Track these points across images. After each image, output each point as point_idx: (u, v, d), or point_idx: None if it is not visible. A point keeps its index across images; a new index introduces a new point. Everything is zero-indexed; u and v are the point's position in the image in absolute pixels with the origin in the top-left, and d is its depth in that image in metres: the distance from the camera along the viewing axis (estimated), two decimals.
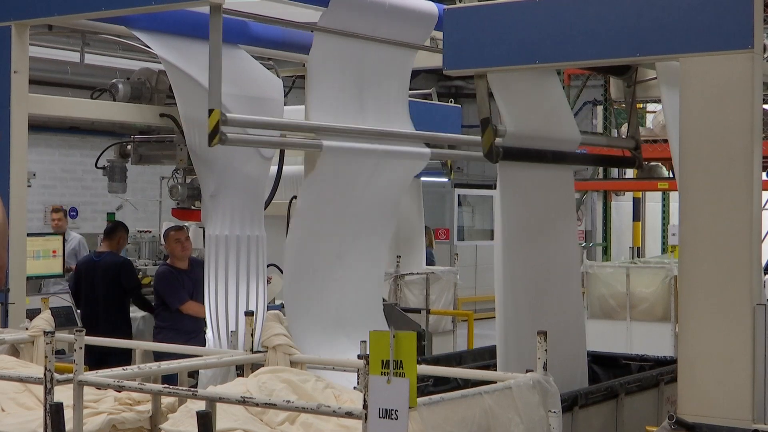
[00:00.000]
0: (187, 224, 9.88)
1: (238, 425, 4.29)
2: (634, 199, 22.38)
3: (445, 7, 6.45)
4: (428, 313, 11.37)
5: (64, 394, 4.37)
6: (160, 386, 4.54)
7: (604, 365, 7.57)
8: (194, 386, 6.55)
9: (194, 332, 8.47)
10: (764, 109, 8.49)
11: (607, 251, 16.35)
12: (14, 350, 5.81)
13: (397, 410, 3.58)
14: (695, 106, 5.28)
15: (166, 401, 4.68)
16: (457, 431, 3.90)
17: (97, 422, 4.55)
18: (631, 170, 15.44)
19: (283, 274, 8.89)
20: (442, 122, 10.66)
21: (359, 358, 4.92)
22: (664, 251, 17.15)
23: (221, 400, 4.14)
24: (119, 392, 4.75)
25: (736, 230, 5.15)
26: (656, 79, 7.40)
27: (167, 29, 7.50)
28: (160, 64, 7.87)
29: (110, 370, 4.64)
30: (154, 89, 8.30)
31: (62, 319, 8.56)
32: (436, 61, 6.83)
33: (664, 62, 6.50)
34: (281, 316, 5.53)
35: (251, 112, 7.04)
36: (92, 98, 8.40)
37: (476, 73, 6.12)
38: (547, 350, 4.24)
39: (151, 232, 15.03)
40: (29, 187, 7.77)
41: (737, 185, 5.16)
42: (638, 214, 22.66)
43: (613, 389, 6.47)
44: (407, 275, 11.72)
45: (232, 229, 7.64)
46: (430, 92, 12.77)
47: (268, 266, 8.12)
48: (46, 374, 4.30)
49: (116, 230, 9.92)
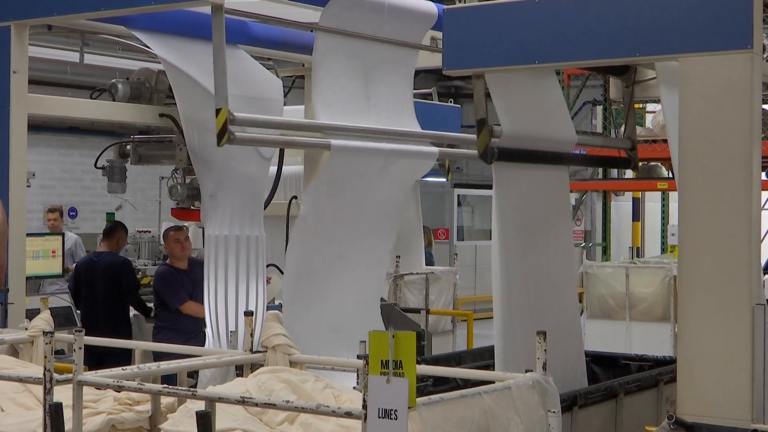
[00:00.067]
0: (186, 224, 9.88)
1: (237, 425, 4.29)
2: (633, 199, 22.37)
3: (444, 7, 6.44)
4: (428, 313, 11.36)
5: (63, 394, 4.37)
6: (159, 386, 4.54)
7: (603, 365, 7.56)
8: (194, 386, 6.54)
9: (194, 332, 8.46)
10: (763, 109, 8.52)
11: (606, 251, 16.32)
12: (13, 350, 5.81)
13: (396, 410, 3.58)
14: (694, 106, 5.28)
15: (165, 401, 4.68)
16: (456, 431, 3.90)
17: (96, 422, 4.55)
18: (630, 170, 15.42)
19: (282, 274, 8.89)
20: (441, 122, 10.64)
21: (359, 358, 4.92)
22: (663, 251, 17.14)
23: (221, 400, 4.14)
24: (119, 392, 4.75)
25: (735, 230, 5.14)
26: (655, 79, 7.40)
27: (167, 29, 7.50)
28: (159, 64, 7.86)
29: (109, 370, 4.64)
30: (153, 89, 8.29)
31: (61, 319, 8.56)
32: (435, 61, 6.83)
33: (663, 62, 6.50)
34: (281, 316, 5.53)
35: (251, 112, 7.01)
36: (92, 98, 8.40)
37: (476, 73, 6.12)
38: (546, 350, 4.24)
39: (150, 232, 15.05)
40: (28, 187, 7.77)
41: (736, 185, 5.15)
42: (638, 214, 22.65)
43: (612, 389, 6.47)
44: (407, 275, 11.70)
45: (231, 229, 7.64)
46: (430, 92, 12.75)
47: (267, 266, 8.12)
48: (45, 374, 4.30)
49: (115, 230, 9.92)
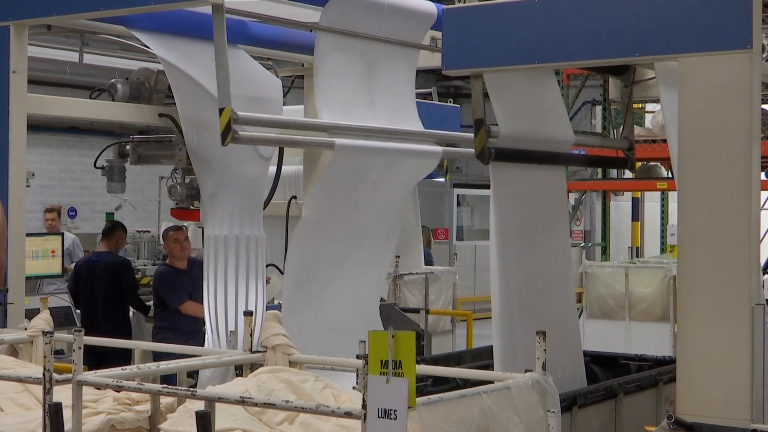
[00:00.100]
0: (186, 224, 9.88)
1: (237, 425, 4.29)
2: (633, 199, 22.38)
3: (444, 7, 6.44)
4: (427, 313, 11.36)
5: (63, 394, 4.37)
6: (159, 386, 4.54)
7: (602, 365, 7.56)
8: (193, 386, 6.54)
9: (193, 332, 8.46)
10: (763, 109, 8.52)
11: (606, 251, 16.30)
12: (13, 350, 5.81)
13: (396, 410, 3.58)
14: (694, 106, 5.28)
15: (165, 401, 4.68)
16: (456, 431, 3.90)
17: (96, 422, 4.55)
18: (634, 170, 15.41)
19: (282, 274, 8.89)
20: (441, 122, 10.63)
21: (358, 357, 4.92)
22: (663, 251, 17.12)
23: (220, 400, 4.14)
24: (118, 392, 4.75)
25: (734, 230, 5.14)
26: (655, 78, 7.40)
27: (166, 29, 7.50)
28: (159, 64, 7.87)
29: (109, 370, 4.64)
30: (153, 89, 8.30)
31: (61, 319, 8.57)
32: (435, 61, 6.83)
33: (662, 62, 6.49)
34: (280, 316, 5.54)
35: (250, 112, 7.02)
36: (91, 98, 8.41)
37: (475, 73, 6.12)
38: (546, 350, 4.24)
39: (150, 232, 15.05)
40: (28, 187, 7.76)
41: (736, 185, 5.15)
42: (637, 214, 22.66)
43: (611, 389, 6.47)
44: (406, 275, 11.70)
45: (231, 229, 7.64)
46: (430, 92, 12.75)
47: (267, 266, 8.12)
48: (45, 374, 4.30)
49: (114, 230, 9.92)
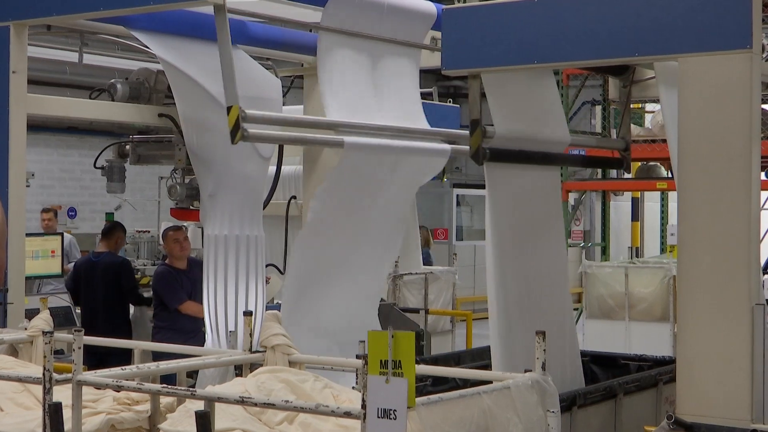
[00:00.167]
0: (185, 224, 9.88)
1: (236, 425, 4.29)
2: (632, 199, 22.39)
3: (443, 7, 6.44)
4: (427, 313, 11.36)
5: (62, 394, 4.36)
6: (158, 386, 4.54)
7: (602, 365, 7.56)
8: (193, 386, 6.54)
9: (193, 332, 8.46)
10: (763, 109, 8.52)
11: (605, 251, 16.32)
12: (13, 350, 5.80)
13: (395, 410, 3.57)
14: (694, 106, 5.28)
15: (164, 401, 4.68)
16: (455, 431, 3.90)
17: (95, 422, 4.55)
18: (629, 170, 15.40)
19: (282, 274, 8.88)
20: (440, 122, 10.62)
21: (358, 357, 4.92)
22: (662, 251, 17.14)
23: (220, 399, 4.14)
24: (118, 392, 4.74)
25: (734, 230, 5.14)
26: (654, 78, 7.40)
27: (166, 29, 7.50)
28: (158, 64, 7.87)
29: (109, 369, 4.64)
30: (152, 89, 8.30)
31: (61, 319, 8.57)
32: (435, 60, 6.83)
33: (662, 62, 6.49)
34: (280, 316, 5.53)
35: None
36: (91, 98, 8.41)
37: (474, 73, 6.11)
38: (545, 350, 4.23)
39: (149, 232, 15.05)
40: (28, 187, 7.76)
41: (736, 185, 5.15)
42: (637, 214, 22.67)
43: (611, 389, 6.47)
44: (406, 275, 11.71)
45: (230, 229, 7.64)
46: (431, 91, 12.74)
47: (267, 266, 8.12)
48: (44, 374, 4.30)
49: (114, 230, 9.91)
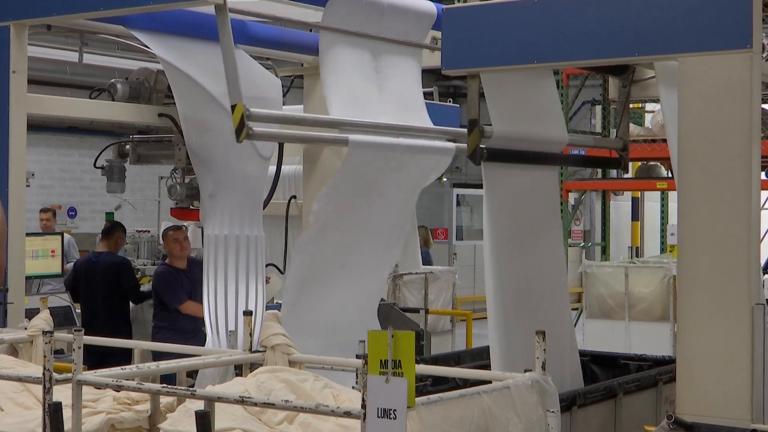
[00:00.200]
0: (185, 224, 9.88)
1: (236, 425, 4.29)
2: (632, 198, 22.42)
3: (443, 6, 6.44)
4: (427, 312, 11.36)
5: (62, 393, 4.36)
6: (158, 386, 4.54)
7: (602, 365, 7.56)
8: (193, 386, 6.55)
9: (193, 332, 8.46)
10: (763, 108, 8.51)
11: (605, 251, 16.33)
12: (13, 350, 5.81)
13: (395, 410, 3.57)
14: (694, 105, 5.27)
15: (164, 401, 4.68)
16: (455, 431, 3.89)
17: (95, 422, 4.55)
18: (629, 170, 15.42)
19: (282, 274, 8.87)
20: (440, 122, 10.62)
21: (358, 357, 4.92)
22: (662, 251, 17.14)
23: (220, 399, 4.13)
24: (118, 392, 4.75)
25: (734, 230, 5.14)
26: (654, 78, 7.40)
27: (166, 29, 7.50)
28: (158, 63, 7.87)
29: (109, 369, 4.64)
30: (152, 89, 8.30)
31: (61, 318, 8.57)
32: (435, 60, 6.83)
33: (662, 62, 6.49)
34: (280, 315, 5.53)
35: None
36: (91, 98, 8.41)
37: (474, 72, 6.11)
38: (545, 350, 4.23)
39: (149, 231, 15.03)
40: (28, 187, 7.76)
41: (736, 185, 5.15)
42: (637, 213, 22.70)
43: (611, 389, 6.47)
44: (406, 275, 11.71)
45: (230, 228, 7.64)
46: (431, 91, 12.74)
47: (266, 266, 8.12)
48: (44, 374, 4.30)
49: (113, 230, 9.91)
